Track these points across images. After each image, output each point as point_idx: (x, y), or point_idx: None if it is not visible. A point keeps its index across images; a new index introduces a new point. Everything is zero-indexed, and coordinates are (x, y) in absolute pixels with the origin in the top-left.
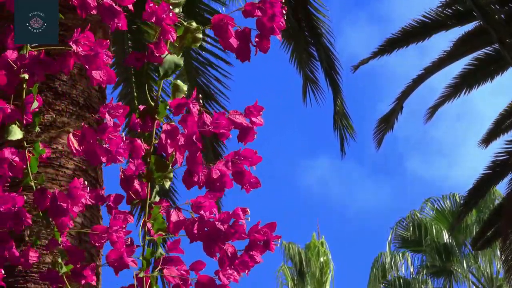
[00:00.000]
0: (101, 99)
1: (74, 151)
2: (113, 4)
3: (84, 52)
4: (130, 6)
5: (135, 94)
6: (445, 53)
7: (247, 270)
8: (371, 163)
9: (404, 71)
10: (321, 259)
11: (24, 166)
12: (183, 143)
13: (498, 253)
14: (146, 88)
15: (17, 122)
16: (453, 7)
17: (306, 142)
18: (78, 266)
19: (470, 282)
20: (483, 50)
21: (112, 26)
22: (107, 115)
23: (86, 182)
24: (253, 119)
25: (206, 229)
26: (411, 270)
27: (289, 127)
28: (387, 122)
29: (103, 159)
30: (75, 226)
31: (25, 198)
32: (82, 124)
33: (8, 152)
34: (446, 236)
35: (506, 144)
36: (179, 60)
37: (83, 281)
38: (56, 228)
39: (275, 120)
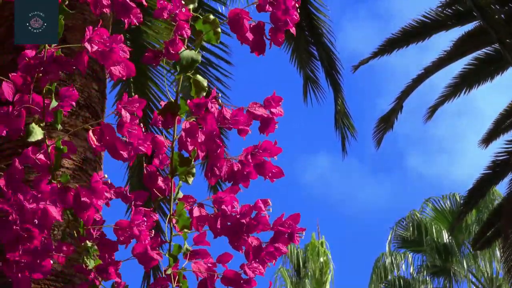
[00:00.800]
0: (101, 99)
1: (95, 147)
2: (127, 0)
3: (99, 49)
4: (144, 1)
5: (133, 94)
6: (445, 53)
7: (274, 260)
8: (371, 160)
9: (404, 67)
10: (321, 259)
11: (49, 164)
12: (202, 140)
13: (498, 253)
14: (145, 88)
15: (38, 121)
16: (453, 7)
17: (306, 139)
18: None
19: (470, 282)
20: (483, 50)
21: (126, 22)
22: (123, 111)
23: (106, 175)
24: (273, 110)
25: (228, 223)
26: (411, 270)
27: (289, 126)
28: (386, 122)
29: (125, 154)
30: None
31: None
32: (100, 121)
33: (33, 150)
34: (446, 236)
35: (506, 144)
36: (197, 55)
37: (105, 277)
38: (81, 224)
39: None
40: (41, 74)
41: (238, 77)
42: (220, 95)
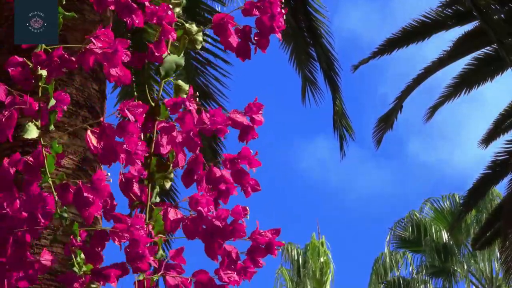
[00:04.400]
0: (101, 99)
1: (92, 148)
2: (130, 1)
3: (101, 50)
4: (147, 3)
5: (135, 93)
6: (445, 53)
7: (249, 277)
8: (371, 147)
9: (404, 55)
10: (321, 259)
11: (41, 166)
12: (180, 140)
13: (498, 253)
14: (146, 88)
15: (33, 121)
16: (453, 7)
17: (305, 130)
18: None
19: (470, 282)
20: (483, 50)
21: (129, 23)
22: (127, 113)
23: (109, 174)
24: (254, 116)
25: (204, 226)
26: (411, 270)
27: (288, 125)
28: (386, 122)
29: (123, 158)
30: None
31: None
32: (101, 119)
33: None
34: (445, 236)
35: (506, 144)
36: (180, 60)
37: (102, 283)
38: (75, 226)
39: (275, 119)
40: (44, 72)
41: (237, 77)
42: (197, 94)
